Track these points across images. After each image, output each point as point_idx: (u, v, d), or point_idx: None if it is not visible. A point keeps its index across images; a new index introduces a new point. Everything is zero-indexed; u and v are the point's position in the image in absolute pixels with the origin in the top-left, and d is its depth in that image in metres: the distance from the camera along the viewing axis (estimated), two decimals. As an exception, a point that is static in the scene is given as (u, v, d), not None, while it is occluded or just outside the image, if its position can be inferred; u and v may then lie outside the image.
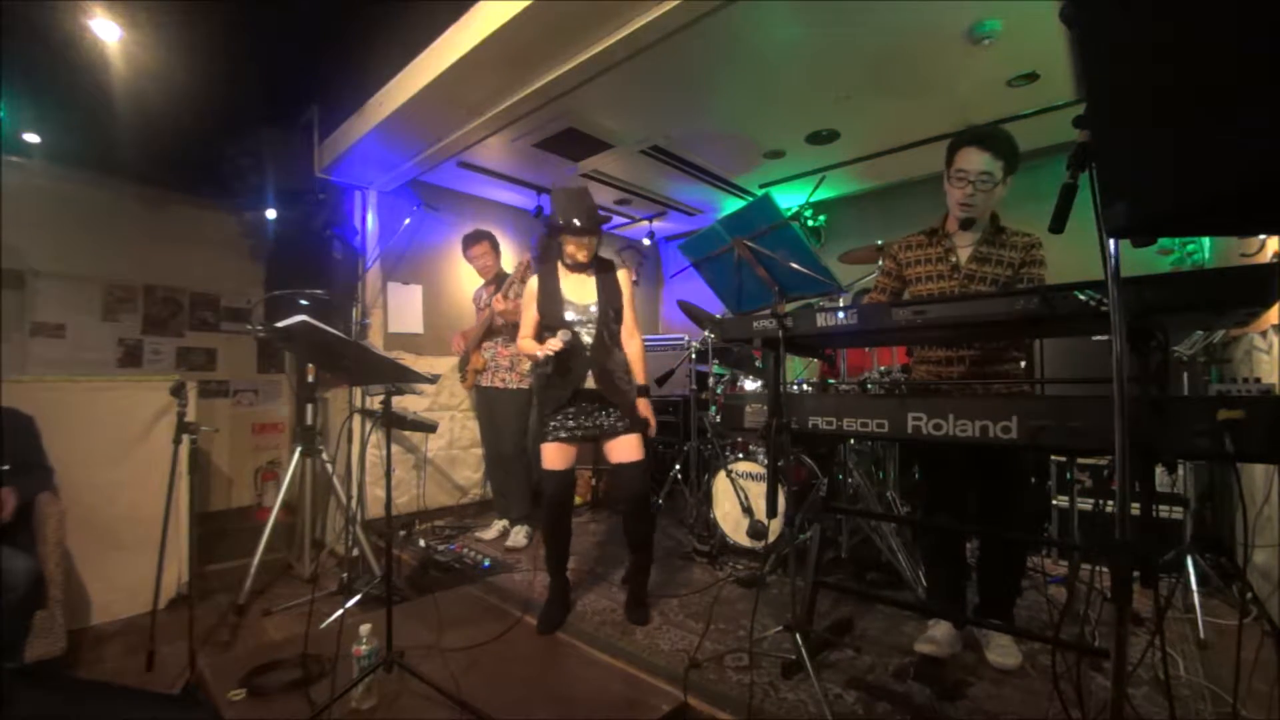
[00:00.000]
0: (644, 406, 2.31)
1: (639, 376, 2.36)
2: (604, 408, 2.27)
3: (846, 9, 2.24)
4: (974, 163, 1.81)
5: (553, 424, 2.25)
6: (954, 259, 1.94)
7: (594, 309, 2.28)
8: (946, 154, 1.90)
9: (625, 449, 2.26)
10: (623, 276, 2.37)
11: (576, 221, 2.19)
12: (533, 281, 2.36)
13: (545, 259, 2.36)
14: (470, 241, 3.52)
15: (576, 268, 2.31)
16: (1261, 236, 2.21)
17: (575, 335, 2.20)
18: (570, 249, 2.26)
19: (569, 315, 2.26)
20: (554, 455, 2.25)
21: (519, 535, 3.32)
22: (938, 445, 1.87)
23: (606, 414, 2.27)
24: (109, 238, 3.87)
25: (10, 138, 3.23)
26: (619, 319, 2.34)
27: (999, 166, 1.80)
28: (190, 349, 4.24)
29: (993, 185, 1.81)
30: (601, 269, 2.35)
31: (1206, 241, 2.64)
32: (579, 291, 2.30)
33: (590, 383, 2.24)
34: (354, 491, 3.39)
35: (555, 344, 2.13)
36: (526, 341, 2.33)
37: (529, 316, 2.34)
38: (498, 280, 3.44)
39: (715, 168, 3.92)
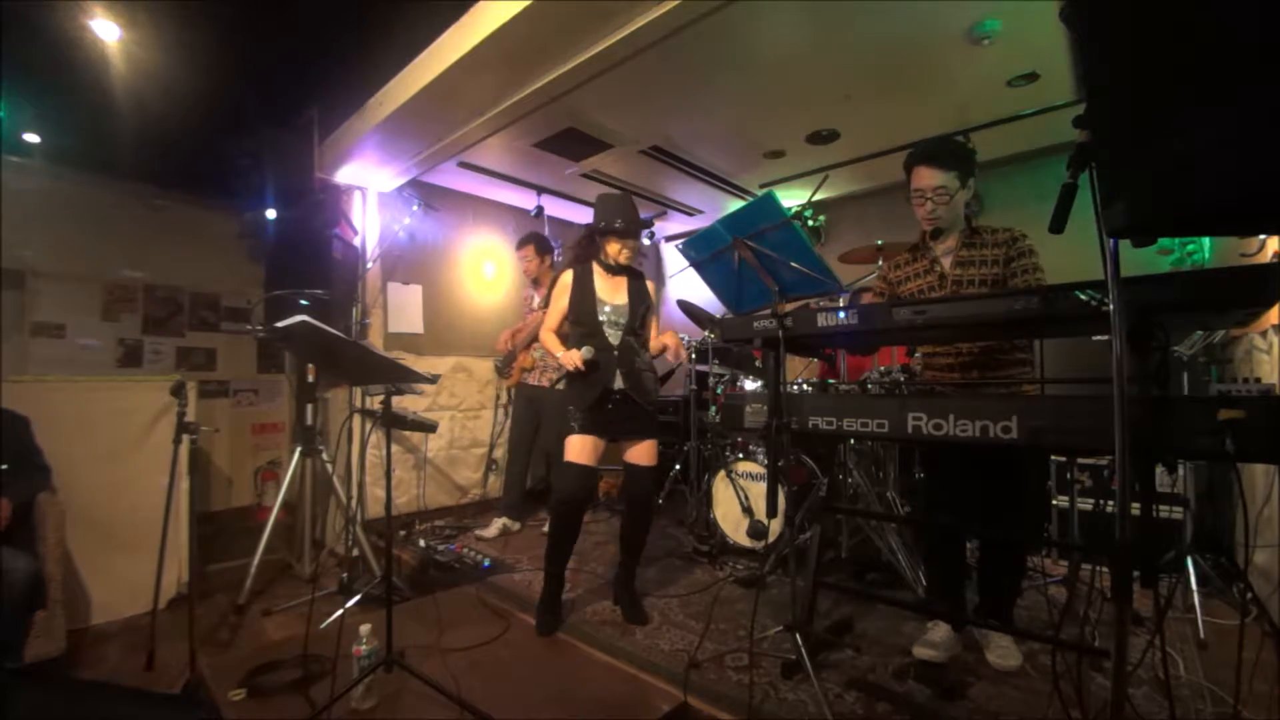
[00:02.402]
0: (670, 337, 2.42)
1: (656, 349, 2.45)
2: (630, 409, 2.29)
3: (846, 9, 2.24)
4: (925, 180, 1.88)
5: (582, 418, 2.26)
6: (939, 268, 1.98)
7: (626, 311, 2.34)
8: (905, 173, 1.95)
9: (642, 452, 2.32)
10: (650, 287, 2.48)
11: (621, 223, 2.28)
12: (566, 275, 2.39)
13: (583, 259, 2.40)
14: (519, 244, 3.67)
15: (614, 270, 2.37)
16: (1261, 236, 2.21)
17: (597, 351, 2.26)
18: (614, 249, 2.32)
19: (601, 315, 2.31)
20: (581, 447, 2.24)
21: None
22: (938, 445, 1.87)
23: (632, 415, 2.29)
24: (109, 238, 3.87)
25: (10, 138, 3.22)
26: (645, 325, 2.42)
27: (952, 177, 1.85)
28: (190, 349, 4.24)
29: (949, 196, 1.86)
30: (633, 276, 2.43)
31: (1206, 241, 2.64)
32: (612, 293, 2.37)
33: (619, 383, 2.27)
34: (354, 491, 3.39)
35: (576, 358, 2.18)
36: (549, 336, 2.39)
37: (556, 308, 2.39)
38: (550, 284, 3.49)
39: (715, 168, 3.92)
